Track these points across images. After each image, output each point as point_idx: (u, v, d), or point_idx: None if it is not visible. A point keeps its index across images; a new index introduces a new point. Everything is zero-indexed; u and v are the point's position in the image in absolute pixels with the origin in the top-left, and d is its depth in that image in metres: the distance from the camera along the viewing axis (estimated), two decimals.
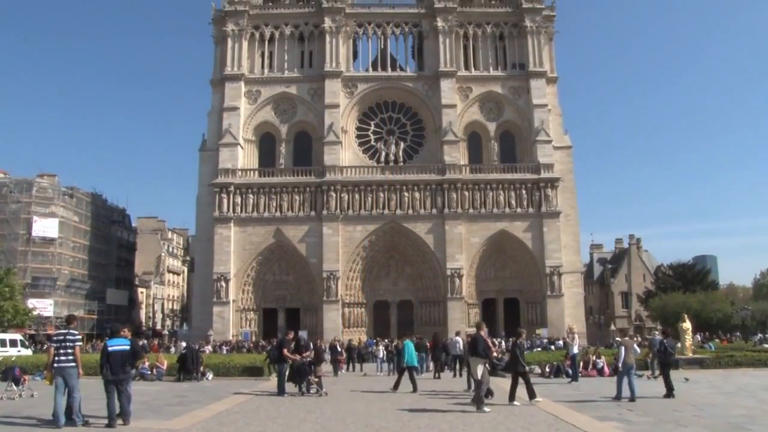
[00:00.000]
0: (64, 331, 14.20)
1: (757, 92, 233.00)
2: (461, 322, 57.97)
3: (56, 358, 13.56)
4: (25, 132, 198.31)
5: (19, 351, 39.80)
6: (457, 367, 30.08)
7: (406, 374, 23.10)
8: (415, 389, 22.00)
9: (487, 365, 17.39)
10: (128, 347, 14.02)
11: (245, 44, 66.64)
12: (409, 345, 24.26)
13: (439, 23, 66.89)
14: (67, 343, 13.68)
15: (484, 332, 18.25)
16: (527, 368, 18.35)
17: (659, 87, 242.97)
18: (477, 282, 63.36)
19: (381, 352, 36.36)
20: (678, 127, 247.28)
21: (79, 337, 14.13)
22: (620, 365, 19.57)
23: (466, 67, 67.98)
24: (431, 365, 31.95)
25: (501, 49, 68.65)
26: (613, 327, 79.93)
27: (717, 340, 52.87)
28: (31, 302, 65.25)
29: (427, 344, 33.37)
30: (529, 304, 63.30)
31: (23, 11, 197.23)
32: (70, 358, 13.61)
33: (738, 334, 65.50)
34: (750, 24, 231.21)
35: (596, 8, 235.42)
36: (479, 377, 16.85)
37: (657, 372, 27.62)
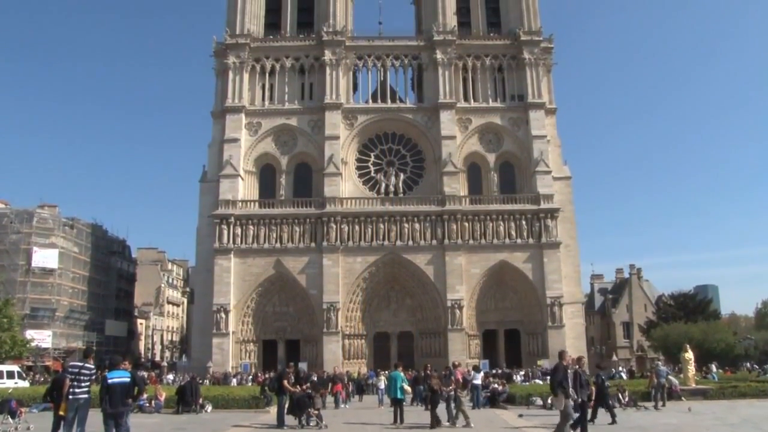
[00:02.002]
0: (79, 363, 14.16)
1: (758, 117, 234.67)
2: (462, 353, 57.67)
3: (71, 390, 13.49)
4: (27, 162, 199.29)
5: (16, 383, 39.62)
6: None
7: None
8: (395, 421, 21.64)
9: (571, 397, 16.09)
10: (128, 379, 13.92)
11: (246, 76, 67.28)
12: (395, 377, 23.42)
13: (439, 55, 67.64)
14: (82, 377, 13.63)
15: (566, 362, 16.51)
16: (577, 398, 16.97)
17: (657, 117, 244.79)
18: (477, 313, 63.03)
19: (382, 383, 36.05)
20: (677, 156, 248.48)
21: (95, 371, 14.11)
22: None
23: (466, 99, 68.57)
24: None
25: (500, 81, 69.32)
26: (615, 357, 79.45)
27: (720, 371, 52.42)
28: (30, 333, 64.99)
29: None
30: (530, 335, 62.93)
31: (26, 40, 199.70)
32: (85, 390, 13.56)
33: (747, 364, 64.94)
34: (749, 48, 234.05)
35: (593, 39, 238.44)
36: (562, 408, 15.98)
37: (661, 403, 27.50)
